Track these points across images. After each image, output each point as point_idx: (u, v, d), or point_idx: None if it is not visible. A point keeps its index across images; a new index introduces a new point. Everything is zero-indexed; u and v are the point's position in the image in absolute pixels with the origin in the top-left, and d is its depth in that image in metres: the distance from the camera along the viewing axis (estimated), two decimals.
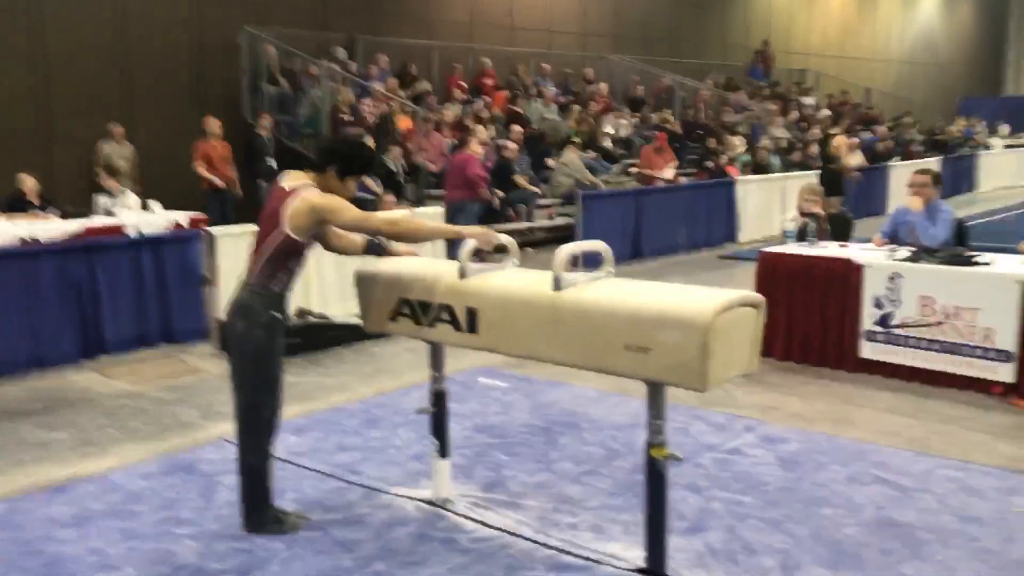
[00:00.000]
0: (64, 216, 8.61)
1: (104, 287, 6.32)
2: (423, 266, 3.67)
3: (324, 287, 7.51)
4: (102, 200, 9.37)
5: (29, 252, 6.14)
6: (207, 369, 6.29)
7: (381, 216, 3.48)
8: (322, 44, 13.56)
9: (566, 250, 3.17)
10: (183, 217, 9.04)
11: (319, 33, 13.57)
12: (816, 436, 4.74)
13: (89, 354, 6.31)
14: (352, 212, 3.44)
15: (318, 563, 3.40)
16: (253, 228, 7.04)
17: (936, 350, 5.55)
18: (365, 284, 3.75)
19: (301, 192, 3.47)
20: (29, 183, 8.94)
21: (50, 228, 8.13)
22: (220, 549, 3.53)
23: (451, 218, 10.30)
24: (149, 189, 10.81)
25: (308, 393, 5.69)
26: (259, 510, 3.66)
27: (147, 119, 11.79)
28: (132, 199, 9.45)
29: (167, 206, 9.45)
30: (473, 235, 3.45)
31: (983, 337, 5.35)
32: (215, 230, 7.03)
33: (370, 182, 10.75)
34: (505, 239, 3.62)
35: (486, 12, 15.92)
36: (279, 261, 3.53)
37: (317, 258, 7.41)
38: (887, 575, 3.26)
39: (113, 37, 11.54)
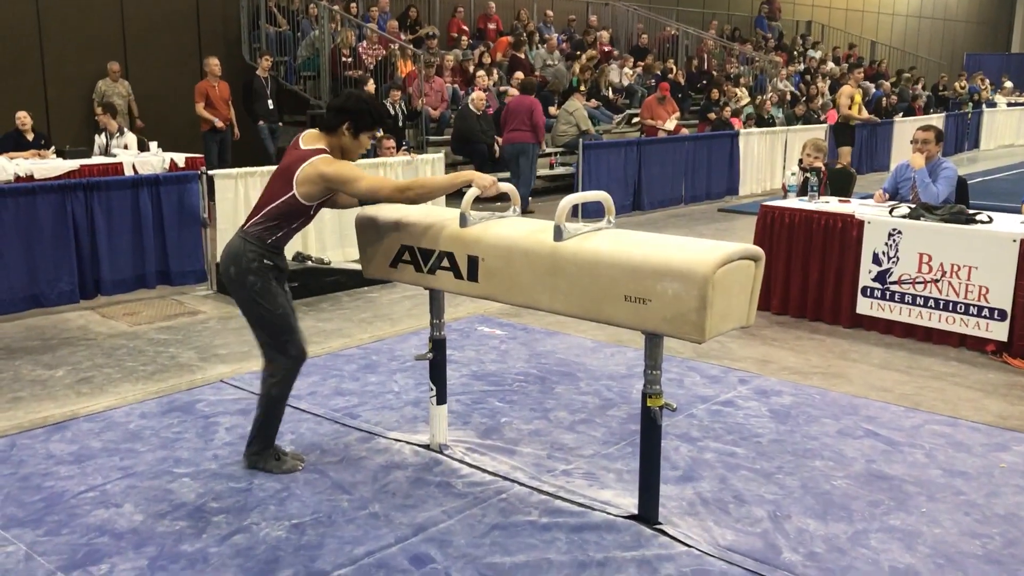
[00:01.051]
0: (61, 155, 8.58)
1: (101, 227, 6.29)
2: (425, 213, 3.66)
3: (322, 231, 7.50)
4: (100, 139, 9.33)
5: (26, 188, 6.10)
6: (204, 311, 6.30)
7: (392, 184, 3.44)
8: None
9: (568, 200, 3.16)
10: (180, 158, 9.01)
11: None
12: (809, 390, 4.78)
13: (86, 294, 6.32)
14: (364, 182, 3.41)
15: (315, 503, 3.45)
16: (250, 170, 7.08)
17: (932, 307, 5.58)
18: (366, 230, 3.74)
19: (315, 158, 3.44)
20: (24, 119, 8.89)
21: (47, 166, 8.12)
22: (218, 488, 3.58)
23: (512, 159, 10.31)
24: (146, 129, 10.76)
25: (306, 338, 5.69)
26: (266, 445, 3.73)
27: (145, 58, 11.66)
28: (131, 139, 9.42)
29: (165, 146, 9.42)
30: (479, 183, 3.43)
31: (978, 295, 5.37)
32: (213, 172, 6.98)
33: None
34: (507, 187, 3.61)
35: None
36: (281, 218, 3.52)
37: None
38: (874, 526, 3.31)
39: None
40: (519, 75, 12.45)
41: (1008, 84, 24.21)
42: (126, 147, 9.23)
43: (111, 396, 4.63)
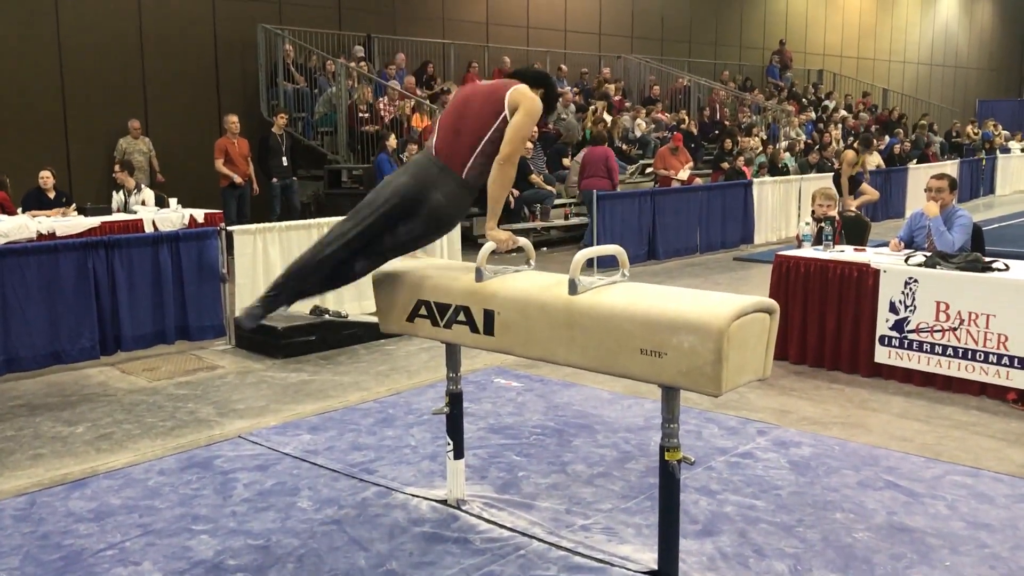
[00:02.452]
0: (82, 212, 8.72)
1: (122, 283, 6.37)
2: (440, 268, 3.70)
3: None
4: (118, 196, 9.48)
5: (48, 247, 6.20)
6: (223, 366, 6.34)
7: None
8: (339, 42, 13.65)
9: (583, 255, 3.19)
10: (200, 213, 9.14)
11: (335, 32, 13.64)
12: (829, 440, 4.75)
13: (107, 350, 6.38)
14: (525, 132, 3.42)
15: (333, 561, 3.44)
16: (269, 225, 7.18)
17: (950, 355, 5.55)
18: (383, 284, 3.78)
19: (520, 85, 3.43)
20: (47, 178, 9.06)
21: (69, 223, 8.25)
22: (236, 545, 3.57)
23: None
24: (166, 185, 10.94)
25: (323, 391, 5.73)
26: (264, 307, 3.54)
27: (164, 115, 11.90)
28: (149, 195, 9.57)
29: (184, 202, 9.56)
30: (496, 238, 3.49)
31: (997, 343, 5.34)
32: (232, 228, 7.08)
33: None
34: (522, 242, 3.64)
35: (502, 13, 15.96)
36: (492, 155, 3.41)
37: None
38: None
39: (131, 34, 11.65)
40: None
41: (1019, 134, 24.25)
42: (144, 203, 9.37)
43: (130, 452, 4.65)
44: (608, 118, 14.72)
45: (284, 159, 11.35)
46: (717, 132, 16.09)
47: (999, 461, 4.47)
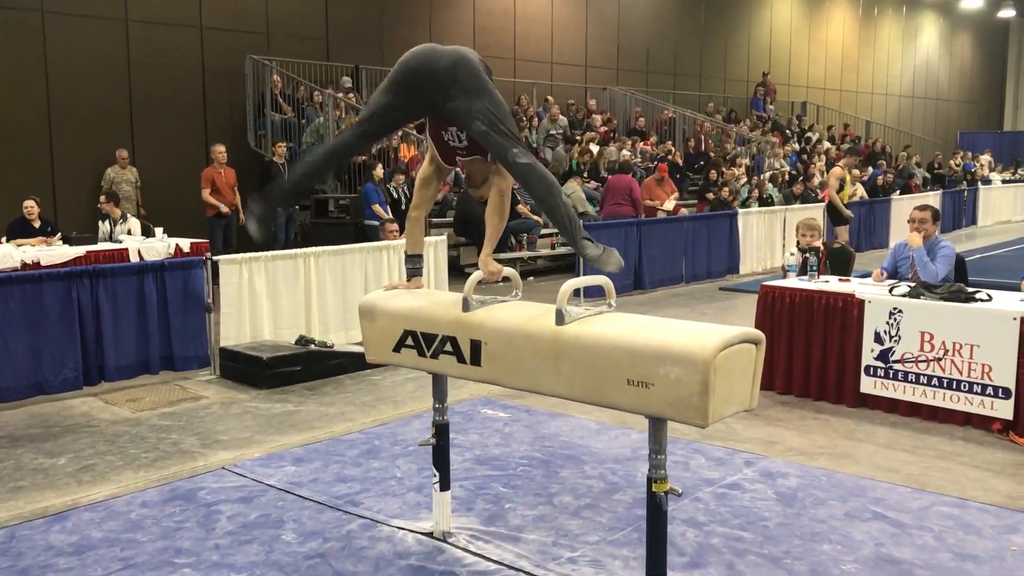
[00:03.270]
0: (68, 241, 8.69)
1: (106, 313, 6.34)
2: (427, 298, 3.70)
3: (326, 314, 7.55)
4: (104, 226, 9.46)
5: (32, 276, 6.16)
6: (207, 396, 6.30)
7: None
8: (327, 73, 13.71)
9: (569, 285, 3.20)
10: (185, 243, 9.12)
11: (323, 63, 13.72)
12: (815, 471, 4.74)
13: (90, 380, 6.32)
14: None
15: None
16: (255, 255, 7.16)
17: (935, 386, 5.57)
18: (369, 315, 3.77)
19: None
20: (31, 208, 9.03)
21: (53, 253, 8.22)
22: None
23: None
24: (153, 214, 10.92)
25: (308, 422, 5.69)
26: (269, 196, 3.63)
27: (151, 145, 11.90)
28: (135, 224, 9.55)
29: (170, 231, 9.55)
30: (487, 269, 3.50)
31: (982, 373, 5.36)
32: (218, 257, 7.06)
33: (379, 209, 10.84)
34: (509, 272, 3.65)
35: (490, 45, 16.09)
36: None
37: (319, 284, 7.48)
38: None
39: (119, 64, 11.68)
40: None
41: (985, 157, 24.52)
42: (130, 232, 9.35)
43: (112, 484, 4.60)
44: (595, 149, 14.82)
45: None
46: (702, 163, 16.21)
47: (985, 492, 4.47)
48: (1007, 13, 29.15)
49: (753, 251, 12.73)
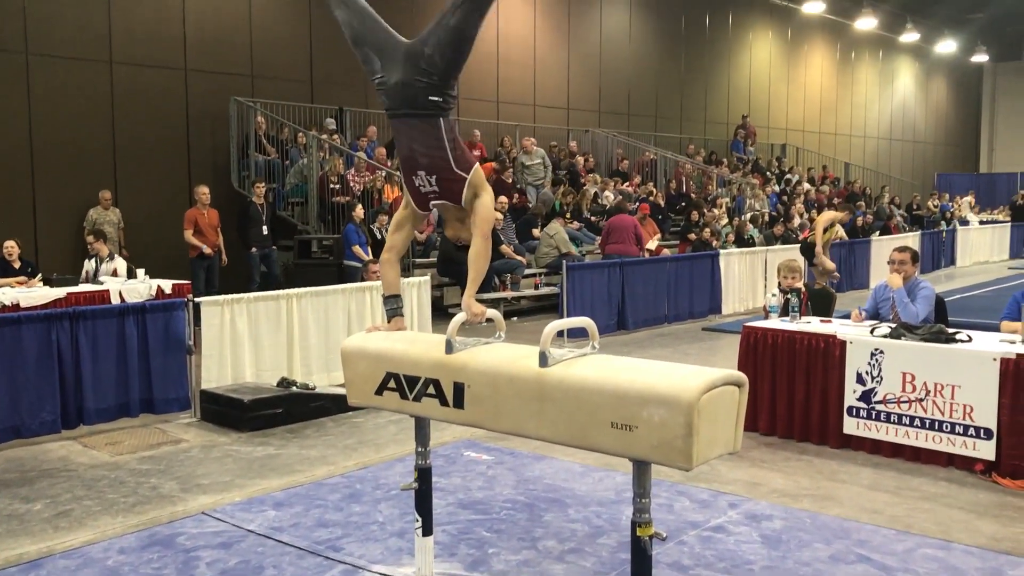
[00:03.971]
0: (48, 283, 8.63)
1: (86, 355, 6.27)
2: (410, 340, 3.69)
3: (307, 355, 7.51)
4: (89, 264, 9.41)
5: (10, 318, 6.10)
6: (187, 439, 6.23)
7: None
8: (311, 114, 13.79)
9: (552, 327, 3.20)
10: (167, 284, 9.08)
11: (307, 105, 13.79)
12: (799, 513, 4.73)
13: (68, 423, 6.24)
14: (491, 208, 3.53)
15: None
16: (237, 296, 7.14)
17: (918, 426, 5.58)
18: (352, 356, 3.75)
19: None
20: (11, 248, 8.98)
21: (34, 294, 8.16)
22: None
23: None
24: (136, 256, 10.87)
25: (289, 466, 5.64)
26: None
27: (135, 186, 11.88)
28: (120, 264, 9.50)
29: (154, 273, 9.50)
30: (472, 311, 3.48)
31: (963, 414, 5.39)
32: (200, 299, 7.03)
33: (359, 250, 10.85)
34: (492, 313, 3.64)
35: (473, 87, 16.24)
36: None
37: (301, 325, 7.45)
38: None
39: (103, 104, 11.69)
40: (502, 198, 12.72)
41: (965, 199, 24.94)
42: (115, 272, 9.29)
43: (89, 530, 4.52)
44: (593, 188, 14.96)
45: (264, 228, 11.40)
46: (684, 204, 16.34)
47: (969, 533, 4.47)
48: (980, 58, 29.78)
49: (735, 292, 12.79)
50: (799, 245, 13.24)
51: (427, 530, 3.86)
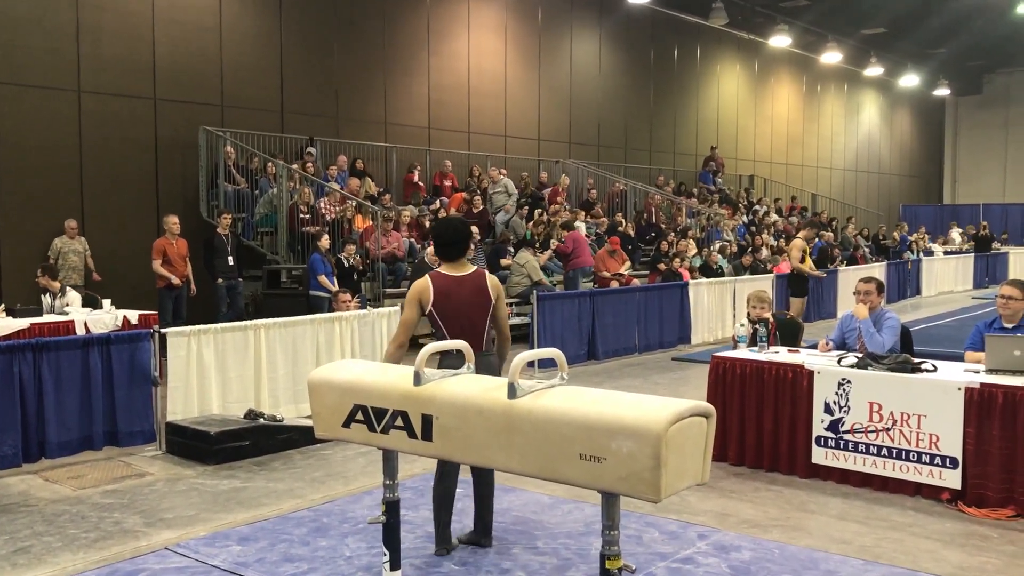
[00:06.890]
0: (11, 313, 8.50)
1: (49, 388, 6.17)
2: (378, 372, 3.66)
3: (275, 387, 7.43)
4: (46, 300, 9.22)
5: None
6: (152, 472, 6.13)
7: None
8: (281, 144, 13.77)
9: (521, 359, 3.19)
10: (133, 315, 8.97)
11: (278, 135, 13.78)
12: (768, 544, 4.73)
13: (30, 457, 6.13)
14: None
15: None
16: (204, 327, 7.06)
17: (885, 456, 5.62)
18: (319, 388, 3.71)
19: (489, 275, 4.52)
20: None
21: None
22: None
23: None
24: (104, 285, 10.75)
25: (255, 499, 5.56)
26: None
27: (102, 215, 11.78)
28: (75, 297, 9.28)
29: (121, 303, 9.38)
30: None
31: (929, 443, 5.43)
32: (166, 330, 6.94)
33: (325, 280, 10.78)
34: (461, 344, 3.63)
35: (444, 118, 16.34)
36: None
37: (269, 356, 7.38)
38: None
39: (70, 133, 11.61)
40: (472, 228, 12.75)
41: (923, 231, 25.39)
42: (68, 305, 9.08)
43: (49, 567, 4.42)
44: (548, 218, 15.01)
45: (230, 259, 11.28)
46: (653, 235, 16.46)
47: (936, 563, 4.49)
48: (942, 92, 30.39)
49: (704, 321, 12.87)
50: (773, 276, 13.41)
51: (395, 564, 3.82)
